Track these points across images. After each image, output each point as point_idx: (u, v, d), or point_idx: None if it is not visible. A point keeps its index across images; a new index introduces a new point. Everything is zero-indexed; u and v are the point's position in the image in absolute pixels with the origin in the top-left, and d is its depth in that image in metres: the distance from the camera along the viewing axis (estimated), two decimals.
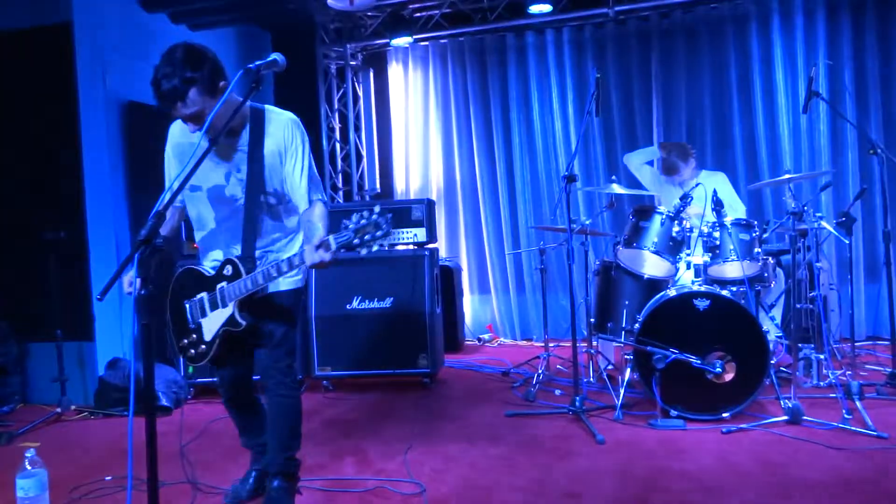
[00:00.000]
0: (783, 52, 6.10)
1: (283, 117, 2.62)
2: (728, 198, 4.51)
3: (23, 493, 2.44)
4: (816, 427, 3.42)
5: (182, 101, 2.37)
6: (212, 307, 2.55)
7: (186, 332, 2.63)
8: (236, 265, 2.50)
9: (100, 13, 5.02)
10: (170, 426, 4.01)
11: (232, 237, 2.60)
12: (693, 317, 3.69)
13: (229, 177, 2.58)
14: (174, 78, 2.36)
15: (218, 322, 2.54)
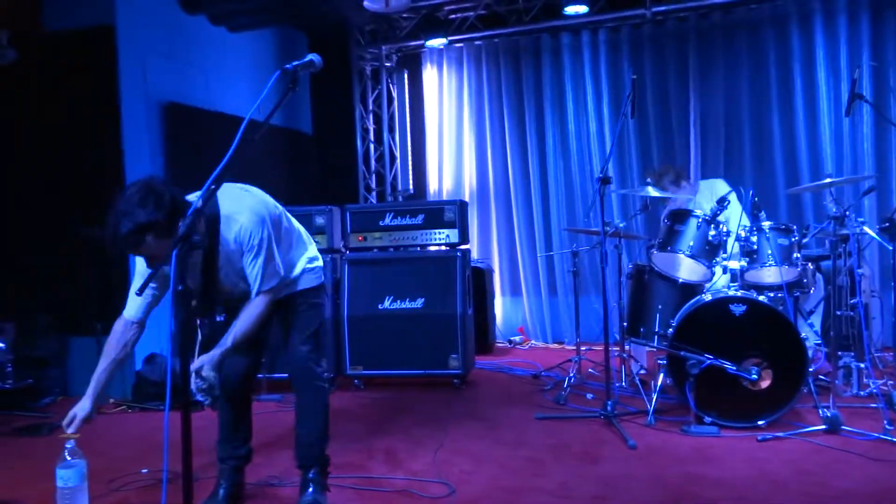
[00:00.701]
0: (825, 54, 5.97)
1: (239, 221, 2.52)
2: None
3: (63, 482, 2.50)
4: (856, 437, 3.34)
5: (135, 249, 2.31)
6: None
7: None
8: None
9: (142, 15, 5.13)
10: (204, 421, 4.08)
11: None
12: (729, 322, 3.63)
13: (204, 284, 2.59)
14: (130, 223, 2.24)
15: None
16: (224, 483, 2.85)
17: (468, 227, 5.27)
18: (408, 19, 6.98)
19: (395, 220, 4.98)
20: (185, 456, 1.90)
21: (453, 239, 4.93)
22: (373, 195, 7.37)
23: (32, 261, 5.01)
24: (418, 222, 4.95)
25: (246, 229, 2.53)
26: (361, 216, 5.06)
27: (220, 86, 5.83)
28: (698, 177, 6.27)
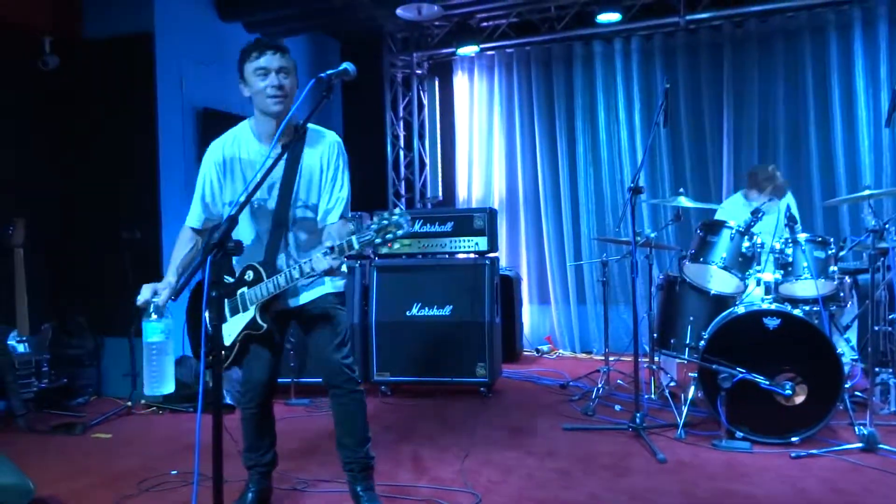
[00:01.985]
0: (864, 62, 5.85)
1: (327, 136, 2.68)
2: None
3: (150, 337, 2.48)
4: (893, 456, 3.25)
5: (283, 54, 2.53)
6: (232, 312, 2.58)
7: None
8: (257, 269, 2.54)
9: (179, 23, 5.23)
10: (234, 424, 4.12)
11: (274, 251, 2.61)
12: (762, 336, 3.57)
13: (272, 190, 2.58)
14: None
15: (238, 326, 2.57)
16: (253, 487, 2.86)
17: (497, 235, 5.25)
18: (440, 27, 7.01)
19: (424, 227, 4.99)
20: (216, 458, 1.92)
21: (482, 247, 4.92)
22: (402, 202, 7.39)
23: (70, 262, 5.12)
24: (447, 230, 4.96)
25: (334, 145, 2.66)
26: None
27: None
28: (731, 188, 6.19)
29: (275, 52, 2.52)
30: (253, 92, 2.55)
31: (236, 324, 2.58)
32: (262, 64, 2.51)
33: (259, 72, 2.51)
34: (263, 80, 2.51)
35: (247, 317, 2.55)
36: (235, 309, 2.57)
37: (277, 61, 2.51)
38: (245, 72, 2.56)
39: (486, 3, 6.24)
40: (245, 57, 2.55)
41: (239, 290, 2.57)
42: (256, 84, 2.53)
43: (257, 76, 2.52)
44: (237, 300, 2.57)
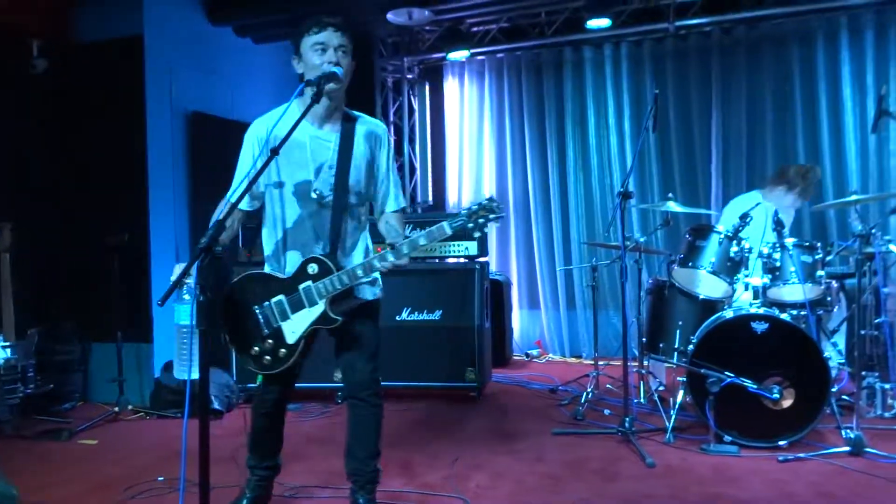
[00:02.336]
0: (851, 69, 5.90)
1: (375, 123, 2.70)
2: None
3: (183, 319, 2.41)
4: (880, 460, 3.27)
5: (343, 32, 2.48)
6: (294, 308, 2.48)
7: (259, 339, 2.51)
8: (324, 262, 2.46)
9: (169, 26, 5.22)
10: (221, 430, 4.10)
11: (314, 236, 2.55)
12: (750, 340, 3.58)
13: (319, 172, 2.53)
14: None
15: (304, 322, 2.47)
16: (249, 494, 2.78)
17: (487, 240, 5.26)
18: (430, 32, 7.02)
19: (414, 232, 4.97)
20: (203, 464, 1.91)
21: (472, 251, 4.92)
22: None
23: (58, 267, 5.09)
24: None
25: (384, 132, 2.68)
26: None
27: (244, 96, 5.89)
28: (719, 193, 6.23)
29: (336, 28, 2.45)
30: (308, 68, 2.47)
31: (301, 320, 2.48)
32: (322, 39, 2.44)
33: (317, 47, 2.44)
34: (321, 56, 2.44)
35: (315, 311, 2.46)
36: (298, 304, 2.47)
37: (338, 38, 2.45)
38: (302, 46, 2.48)
39: (476, 8, 6.25)
40: (303, 31, 2.47)
41: (301, 284, 2.47)
42: (313, 59, 2.44)
43: (315, 51, 2.44)
44: (300, 295, 2.46)
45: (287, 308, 2.48)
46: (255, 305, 2.52)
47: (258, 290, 2.53)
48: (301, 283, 2.47)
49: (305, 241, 2.55)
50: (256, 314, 2.51)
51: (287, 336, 2.49)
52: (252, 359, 2.54)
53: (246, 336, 2.53)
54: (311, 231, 2.55)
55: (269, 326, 2.50)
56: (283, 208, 2.56)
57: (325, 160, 2.53)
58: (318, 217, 2.54)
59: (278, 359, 2.51)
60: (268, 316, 2.50)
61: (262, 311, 2.51)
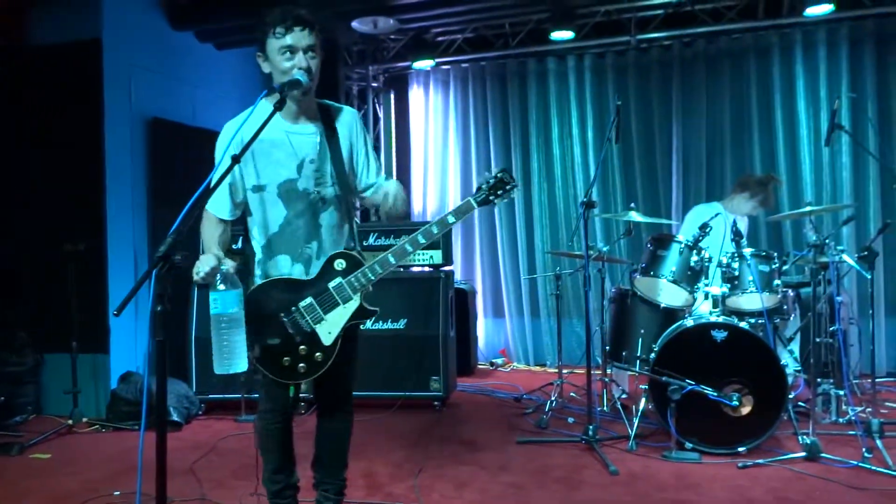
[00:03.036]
0: (805, 84, 6.08)
1: (348, 109, 2.59)
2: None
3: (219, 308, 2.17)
4: (835, 465, 3.35)
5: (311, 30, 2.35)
6: (328, 308, 2.37)
7: (291, 347, 2.36)
8: (351, 255, 2.39)
9: (129, 30, 5.12)
10: (180, 442, 4.01)
11: (305, 235, 2.43)
12: (710, 348, 3.64)
13: (301, 168, 2.42)
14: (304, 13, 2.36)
15: (341, 321, 2.37)
16: None
17: (452, 249, 5.26)
18: (395, 40, 7.02)
19: (378, 241, 4.96)
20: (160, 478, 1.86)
21: (437, 260, 4.92)
22: (356, 214, 7.35)
23: (11, 274, 4.93)
24: None
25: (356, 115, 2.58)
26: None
27: (206, 102, 5.81)
28: (680, 203, 6.34)
29: (303, 27, 2.32)
30: (276, 71, 2.37)
31: (337, 319, 2.37)
32: (290, 42, 2.32)
33: (284, 50, 2.32)
34: (290, 60, 2.33)
35: (351, 307, 2.37)
36: (331, 304, 2.36)
37: (306, 39, 2.32)
38: (268, 48, 2.36)
39: (441, 18, 6.27)
40: (269, 31, 2.34)
41: (330, 282, 2.37)
42: (281, 63, 2.33)
43: (282, 55, 2.33)
44: (331, 293, 2.36)
45: (319, 309, 2.37)
46: (280, 313, 2.37)
47: (281, 296, 2.38)
48: (330, 280, 2.37)
49: (295, 242, 2.43)
50: (284, 322, 2.37)
51: (323, 338, 2.37)
52: (284, 371, 2.38)
53: (273, 349, 2.37)
54: (300, 230, 2.42)
55: (302, 332, 2.37)
56: (266, 212, 2.43)
57: (307, 155, 2.43)
58: (306, 215, 2.42)
59: (315, 363, 2.38)
60: (297, 321, 2.37)
61: (290, 317, 2.37)
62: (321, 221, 2.43)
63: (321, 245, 2.43)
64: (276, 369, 2.38)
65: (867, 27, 5.93)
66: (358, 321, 2.41)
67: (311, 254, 2.42)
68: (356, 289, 2.37)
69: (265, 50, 2.38)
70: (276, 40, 2.33)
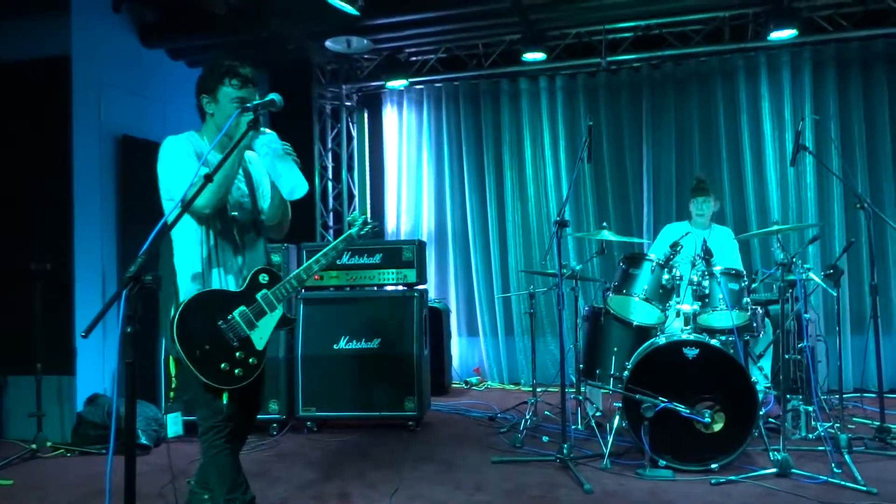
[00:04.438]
0: (770, 106, 6.23)
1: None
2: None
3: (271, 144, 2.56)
4: (805, 481, 3.39)
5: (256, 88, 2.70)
6: (258, 317, 2.62)
7: (228, 352, 2.55)
8: (271, 271, 2.69)
9: (99, 48, 5.07)
10: (149, 466, 3.92)
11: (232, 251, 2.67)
12: (682, 365, 3.68)
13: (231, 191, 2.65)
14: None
15: (269, 328, 2.64)
16: None
17: (426, 267, 5.26)
18: (369, 60, 7.05)
19: (352, 260, 4.94)
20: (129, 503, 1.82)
21: (411, 279, 4.90)
22: (330, 233, 7.32)
23: None
24: (376, 262, 4.92)
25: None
26: None
27: (178, 120, 5.75)
28: (651, 221, 6.42)
29: (254, 87, 2.67)
30: (221, 114, 2.62)
31: (266, 326, 2.63)
32: (244, 95, 2.62)
33: (236, 101, 2.60)
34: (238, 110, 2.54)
35: (276, 315, 2.65)
36: (260, 312, 2.62)
37: (254, 96, 2.63)
38: (218, 92, 2.63)
39: (414, 38, 6.32)
40: (223, 78, 2.62)
41: (258, 293, 2.63)
42: (229, 110, 2.59)
43: (233, 104, 2.59)
44: (260, 303, 2.62)
45: (251, 317, 2.60)
46: (219, 321, 2.56)
47: (216, 306, 2.58)
48: (257, 292, 2.63)
49: (226, 257, 2.65)
50: (222, 329, 2.56)
51: (256, 343, 2.61)
52: (221, 376, 2.53)
53: (212, 354, 2.53)
54: (228, 246, 2.65)
55: (238, 338, 2.57)
56: (204, 227, 2.63)
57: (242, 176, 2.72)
58: (232, 232, 2.67)
59: (250, 367, 2.59)
60: (235, 328, 2.58)
61: (227, 324, 2.57)
62: (246, 239, 2.71)
63: (245, 260, 2.69)
64: (215, 374, 2.53)
65: (829, 51, 6.11)
66: (282, 328, 2.71)
67: (239, 267, 2.67)
68: (280, 299, 2.66)
69: (216, 94, 2.64)
70: (230, 89, 2.62)
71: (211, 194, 2.42)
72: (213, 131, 2.65)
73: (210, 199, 2.46)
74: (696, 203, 4.92)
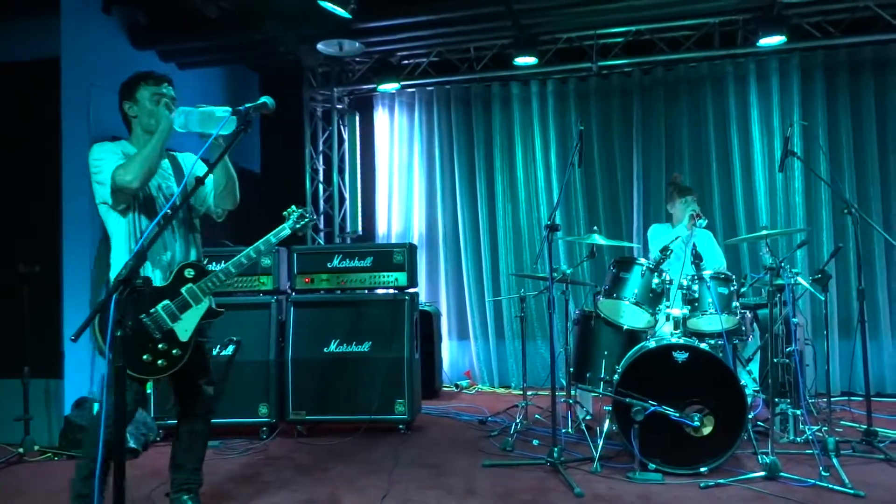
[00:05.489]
0: (759, 111, 6.29)
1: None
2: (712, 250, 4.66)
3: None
4: (794, 484, 3.41)
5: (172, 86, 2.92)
6: (182, 310, 2.76)
7: (150, 344, 2.71)
8: (198, 266, 2.83)
9: (88, 49, 5.05)
10: (138, 469, 3.90)
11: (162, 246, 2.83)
12: (672, 369, 3.69)
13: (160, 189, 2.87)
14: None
15: (194, 320, 2.78)
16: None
17: (417, 271, 5.26)
18: (361, 63, 7.06)
19: (343, 263, 4.93)
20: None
21: (402, 282, 4.90)
22: (321, 236, 7.31)
23: None
24: (367, 265, 4.92)
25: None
26: (309, 258, 4.99)
27: None
28: (640, 226, 6.45)
29: (169, 84, 2.89)
30: (143, 113, 2.84)
31: (191, 318, 2.77)
32: (163, 91, 2.85)
33: (156, 97, 2.83)
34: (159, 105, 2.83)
35: (202, 308, 2.79)
36: (185, 305, 2.76)
37: (172, 92, 2.89)
38: (139, 93, 2.84)
39: (406, 41, 6.33)
40: (140, 81, 2.86)
41: (182, 287, 2.77)
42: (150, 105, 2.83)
43: (153, 100, 2.83)
44: (185, 297, 2.76)
45: (175, 310, 2.75)
46: (142, 314, 2.68)
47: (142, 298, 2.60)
48: (182, 286, 2.78)
49: (154, 252, 2.78)
50: (145, 322, 2.69)
51: (180, 335, 2.76)
52: (143, 367, 2.69)
53: (134, 346, 2.65)
54: (157, 242, 2.74)
55: (161, 330, 2.72)
56: (137, 224, 2.79)
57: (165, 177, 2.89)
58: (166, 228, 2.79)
59: (174, 357, 2.75)
60: (157, 321, 2.72)
61: (150, 318, 2.71)
62: (176, 235, 2.88)
63: (174, 255, 2.85)
64: (135, 365, 2.67)
65: (817, 58, 6.17)
66: (208, 320, 2.85)
67: (167, 262, 2.82)
68: (206, 292, 2.80)
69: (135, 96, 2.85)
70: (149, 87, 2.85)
71: (135, 169, 2.64)
72: (140, 137, 2.84)
73: (136, 173, 2.63)
74: (686, 202, 4.89)
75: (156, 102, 2.83)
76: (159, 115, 2.78)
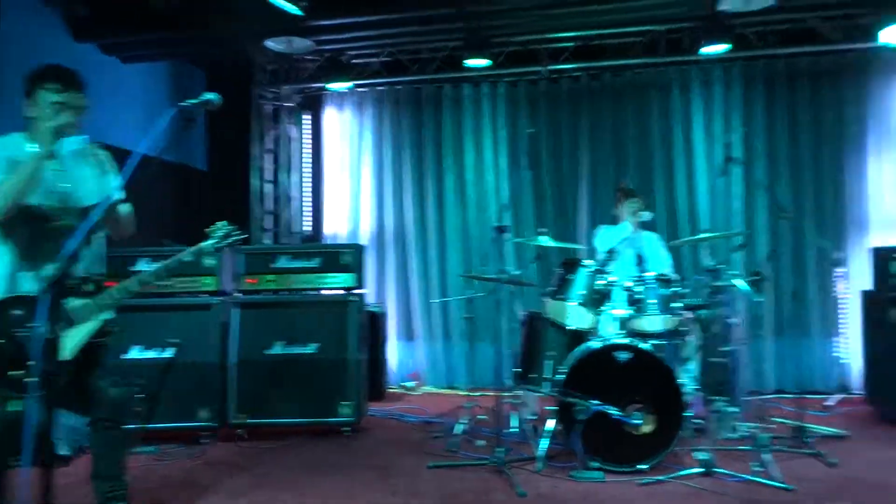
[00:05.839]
0: (702, 118, 6.46)
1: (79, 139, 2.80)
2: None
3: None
4: (729, 479, 3.51)
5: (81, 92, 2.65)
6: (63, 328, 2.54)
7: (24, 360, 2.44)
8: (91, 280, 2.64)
9: (26, 42, 4.87)
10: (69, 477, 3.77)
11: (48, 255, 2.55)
12: (615, 369, 3.76)
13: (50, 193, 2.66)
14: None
15: (78, 337, 2.57)
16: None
17: (364, 272, 5.23)
18: (311, 61, 6.97)
19: (289, 263, 4.87)
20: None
21: (349, 283, 4.86)
22: (268, 235, 7.20)
23: None
24: (314, 265, 4.86)
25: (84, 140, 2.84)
26: (254, 258, 4.91)
27: (109, 117, 5.56)
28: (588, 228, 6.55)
29: (78, 90, 2.61)
30: (42, 119, 2.57)
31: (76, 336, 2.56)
32: (64, 100, 2.57)
33: (57, 106, 2.56)
34: (58, 115, 2.55)
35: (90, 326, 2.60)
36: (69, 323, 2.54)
37: (77, 100, 2.60)
38: (39, 96, 2.58)
39: (357, 41, 6.29)
40: (42, 82, 2.58)
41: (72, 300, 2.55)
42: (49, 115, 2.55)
43: (53, 108, 2.55)
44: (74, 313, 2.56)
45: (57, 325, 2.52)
46: (14, 329, 2.49)
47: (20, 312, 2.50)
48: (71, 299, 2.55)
49: (37, 264, 2.53)
50: (19, 337, 2.48)
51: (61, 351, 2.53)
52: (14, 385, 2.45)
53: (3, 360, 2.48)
54: (41, 253, 2.55)
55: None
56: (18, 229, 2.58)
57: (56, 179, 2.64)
58: (47, 240, 2.57)
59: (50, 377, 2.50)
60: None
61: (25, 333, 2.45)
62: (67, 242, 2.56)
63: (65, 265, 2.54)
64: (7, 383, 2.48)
65: (758, 68, 6.37)
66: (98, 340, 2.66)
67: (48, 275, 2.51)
68: (100, 308, 2.63)
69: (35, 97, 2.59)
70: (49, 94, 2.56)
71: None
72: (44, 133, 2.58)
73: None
74: (632, 204, 4.99)
75: (56, 111, 2.56)
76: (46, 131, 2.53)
